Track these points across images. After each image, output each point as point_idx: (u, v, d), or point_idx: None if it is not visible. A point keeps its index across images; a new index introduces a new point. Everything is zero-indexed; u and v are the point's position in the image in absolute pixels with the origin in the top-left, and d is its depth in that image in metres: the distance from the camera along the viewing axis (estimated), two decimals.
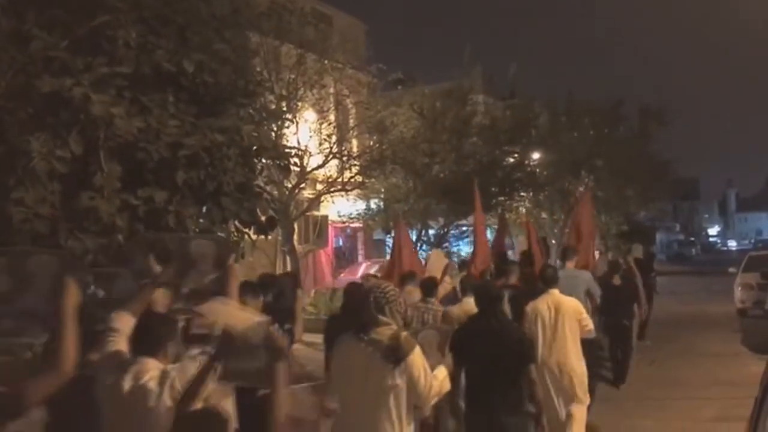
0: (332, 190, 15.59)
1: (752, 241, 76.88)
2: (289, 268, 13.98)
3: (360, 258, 23.79)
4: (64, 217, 4.94)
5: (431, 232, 18.23)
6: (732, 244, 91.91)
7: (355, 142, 16.65)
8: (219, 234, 5.94)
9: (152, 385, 2.94)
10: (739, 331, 14.15)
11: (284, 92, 13.45)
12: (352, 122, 16.43)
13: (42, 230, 4.87)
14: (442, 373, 3.98)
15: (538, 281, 6.64)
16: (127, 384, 2.97)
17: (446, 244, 18.61)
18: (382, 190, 17.89)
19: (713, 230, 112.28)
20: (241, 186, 5.91)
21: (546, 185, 22.26)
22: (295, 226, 14.95)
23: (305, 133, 14.35)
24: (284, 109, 12.91)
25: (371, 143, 16.35)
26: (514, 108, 22.30)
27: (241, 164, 5.88)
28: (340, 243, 24.03)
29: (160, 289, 3.54)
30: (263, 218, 6.31)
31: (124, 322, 3.21)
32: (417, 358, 3.79)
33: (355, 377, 3.72)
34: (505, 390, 4.69)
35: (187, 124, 5.37)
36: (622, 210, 27.84)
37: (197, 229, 5.59)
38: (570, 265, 8.34)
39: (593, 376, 7.03)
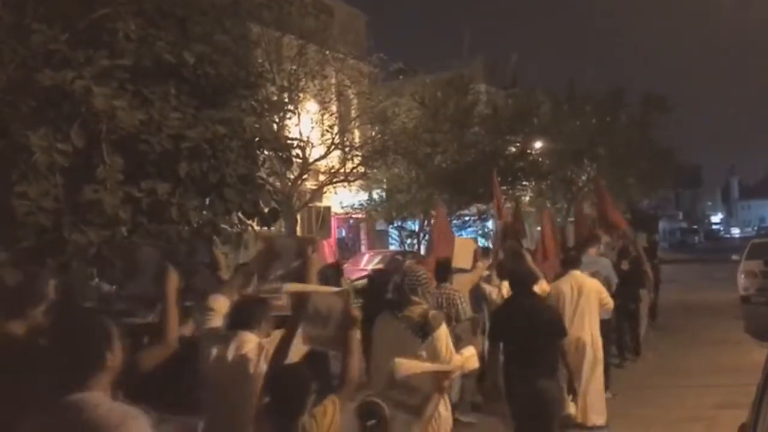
0: (334, 181, 15.61)
1: (755, 228, 76.75)
2: None
3: (363, 248, 23.81)
4: (67, 210, 4.95)
5: (433, 221, 18.25)
6: (735, 231, 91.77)
7: (357, 132, 16.65)
8: (223, 226, 5.96)
9: (252, 355, 3.48)
10: (743, 319, 14.16)
11: (286, 83, 13.45)
12: (353, 113, 16.42)
13: (46, 223, 4.88)
14: (469, 351, 4.44)
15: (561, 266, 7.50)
16: (230, 354, 3.50)
17: None
18: (384, 180, 17.91)
19: (716, 218, 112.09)
20: (244, 177, 5.90)
21: (548, 174, 22.24)
22: (298, 217, 14.97)
23: (307, 124, 14.35)
24: (286, 100, 12.91)
25: (373, 134, 16.35)
26: (516, 97, 22.26)
27: (243, 156, 5.88)
28: (343, 234, 24.04)
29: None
30: (266, 210, 6.31)
31: (220, 304, 3.81)
32: (442, 333, 4.42)
33: (391, 349, 4.28)
34: (539, 360, 5.28)
35: (188, 116, 5.36)
36: (625, 198, 27.84)
37: (200, 221, 5.60)
38: (592, 251, 8.87)
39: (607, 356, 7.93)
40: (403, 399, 4.07)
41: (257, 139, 6.19)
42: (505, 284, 6.75)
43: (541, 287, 6.68)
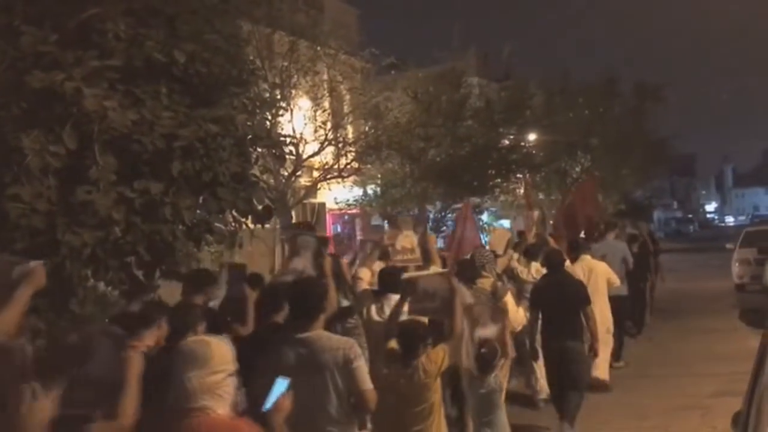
0: (328, 177, 15.58)
1: (750, 216, 76.95)
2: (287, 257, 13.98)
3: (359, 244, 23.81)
4: (61, 211, 4.93)
5: (429, 215, 18.25)
6: (729, 219, 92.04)
7: (350, 128, 16.62)
8: (217, 224, 5.95)
9: (387, 310, 5.21)
10: (737, 306, 14.24)
11: (278, 80, 13.41)
12: (346, 108, 16.39)
13: (39, 225, 4.86)
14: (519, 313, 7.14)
15: (570, 251, 8.75)
16: (388, 309, 5.21)
17: (444, 228, 18.63)
18: (379, 175, 17.88)
19: (710, 206, 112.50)
20: (237, 176, 5.90)
21: (542, 166, 22.25)
22: (293, 214, 14.95)
23: (300, 120, 14.32)
24: (278, 97, 12.88)
25: (366, 129, 16.32)
26: (509, 89, 22.25)
27: (236, 154, 5.86)
28: (338, 229, 24.04)
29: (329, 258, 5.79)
30: (260, 207, 6.31)
31: (365, 274, 5.95)
32: (509, 299, 6.84)
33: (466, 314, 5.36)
34: (567, 324, 6.64)
35: (180, 115, 5.35)
36: (619, 189, 27.88)
37: (194, 220, 5.59)
38: (611, 236, 10.53)
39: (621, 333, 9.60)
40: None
41: (250, 136, 6.19)
42: (534, 264, 8.14)
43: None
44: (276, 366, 3.54)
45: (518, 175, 19.94)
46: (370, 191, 18.73)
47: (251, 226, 6.59)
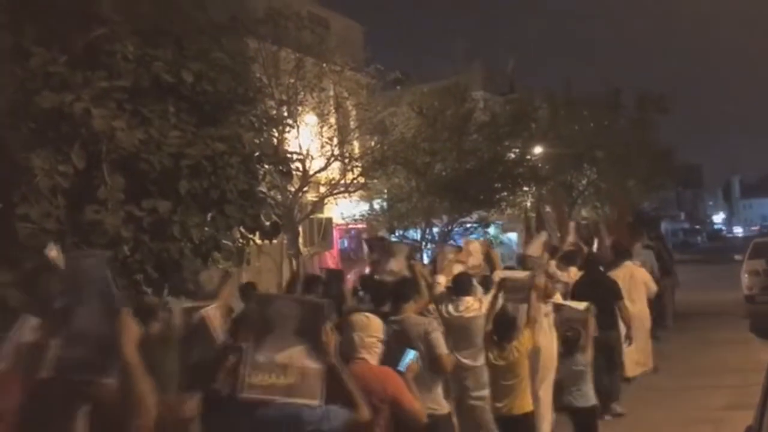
0: (335, 192, 15.61)
1: (758, 227, 76.46)
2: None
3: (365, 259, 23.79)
4: (69, 231, 4.97)
5: (435, 230, 18.24)
6: (738, 230, 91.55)
7: (356, 143, 16.67)
8: (225, 241, 5.98)
9: (476, 306, 6.19)
10: (748, 318, 14.14)
11: (284, 97, 13.48)
12: (352, 124, 16.44)
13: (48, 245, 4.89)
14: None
15: (613, 256, 9.94)
16: (462, 307, 6.18)
17: (451, 241, 18.61)
18: (385, 190, 17.89)
19: (718, 217, 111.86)
20: (244, 193, 5.93)
21: (548, 179, 22.22)
22: (300, 229, 14.97)
23: (306, 136, 14.38)
24: (285, 113, 12.94)
25: (372, 144, 16.36)
26: (514, 103, 22.27)
27: (244, 171, 5.90)
28: (345, 244, 24.04)
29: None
30: (267, 223, 6.33)
31: (441, 279, 6.65)
32: (558, 298, 7.43)
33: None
34: (603, 315, 7.53)
35: (188, 134, 5.39)
36: (626, 200, 27.77)
37: (202, 237, 5.62)
38: (637, 245, 11.71)
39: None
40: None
41: (257, 154, 6.22)
42: (571, 269, 8.89)
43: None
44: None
45: (524, 188, 19.91)
46: (376, 206, 18.74)
47: (258, 242, 6.61)
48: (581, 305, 6.97)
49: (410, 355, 4.15)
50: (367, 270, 7.94)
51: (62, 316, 2.62)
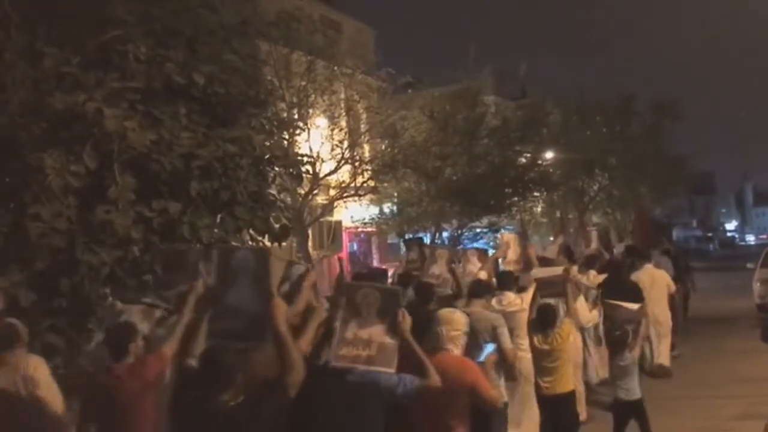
0: (345, 195, 15.60)
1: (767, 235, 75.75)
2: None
3: (375, 262, 23.79)
4: (80, 230, 4.98)
5: (445, 234, 18.20)
6: (750, 238, 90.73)
7: (366, 147, 16.66)
8: (234, 243, 5.98)
9: (518, 301, 6.52)
10: (759, 327, 14.00)
11: (295, 99, 13.51)
12: (363, 127, 16.45)
13: (59, 244, 4.91)
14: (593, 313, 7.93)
15: (634, 259, 10.39)
16: (504, 302, 6.43)
17: (460, 246, 18.56)
18: (395, 194, 17.88)
19: (730, 225, 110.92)
20: (254, 195, 5.94)
21: (559, 184, 22.13)
22: (309, 232, 14.97)
23: (317, 139, 14.39)
24: (295, 116, 12.96)
25: (383, 148, 16.35)
26: (525, 108, 22.20)
27: (254, 173, 5.92)
28: (355, 248, 24.03)
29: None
30: (276, 226, 6.33)
31: (483, 275, 7.02)
32: (581, 300, 7.74)
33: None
34: None
35: (199, 136, 5.40)
36: (644, 206, 27.61)
37: (212, 239, 5.62)
38: (656, 252, 12.27)
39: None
40: None
41: (267, 156, 6.23)
42: (591, 272, 9.17)
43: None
44: None
45: (535, 194, 19.84)
46: (386, 209, 18.72)
47: (268, 244, 6.61)
48: (635, 306, 7.57)
49: (489, 348, 4.93)
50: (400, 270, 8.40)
51: (213, 296, 3.46)
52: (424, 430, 4.17)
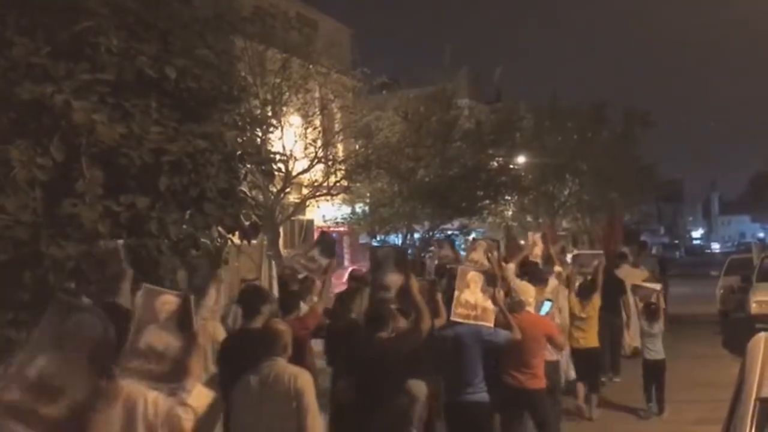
0: (317, 194, 15.58)
1: (735, 243, 77.27)
2: (274, 273, 13.97)
3: (346, 262, 23.76)
4: (46, 223, 4.90)
5: (416, 235, 18.27)
6: (715, 246, 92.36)
7: (340, 146, 16.66)
8: (203, 240, 5.92)
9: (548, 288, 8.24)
10: (721, 333, 14.30)
11: (269, 97, 13.45)
12: (337, 127, 16.44)
13: (23, 237, 4.82)
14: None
15: (615, 260, 12.15)
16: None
17: (431, 247, 18.63)
18: (368, 194, 17.90)
19: (697, 233, 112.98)
20: (225, 191, 5.87)
21: (531, 189, 22.34)
22: (281, 230, 14.91)
23: (290, 137, 14.34)
24: (269, 113, 12.89)
25: (356, 147, 16.36)
26: (499, 112, 22.37)
27: (225, 170, 5.85)
28: None
29: None
30: (247, 223, 6.28)
31: (510, 267, 8.00)
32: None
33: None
34: (611, 305, 10.10)
35: (170, 130, 5.33)
36: (607, 213, 27.98)
37: (180, 235, 5.56)
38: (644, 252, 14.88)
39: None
40: None
41: (239, 152, 6.18)
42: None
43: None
44: None
45: (507, 197, 19.99)
46: (358, 209, 18.74)
47: (237, 242, 6.57)
48: (654, 285, 10.09)
49: (547, 306, 7.13)
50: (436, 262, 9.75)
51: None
52: (515, 365, 6.25)
